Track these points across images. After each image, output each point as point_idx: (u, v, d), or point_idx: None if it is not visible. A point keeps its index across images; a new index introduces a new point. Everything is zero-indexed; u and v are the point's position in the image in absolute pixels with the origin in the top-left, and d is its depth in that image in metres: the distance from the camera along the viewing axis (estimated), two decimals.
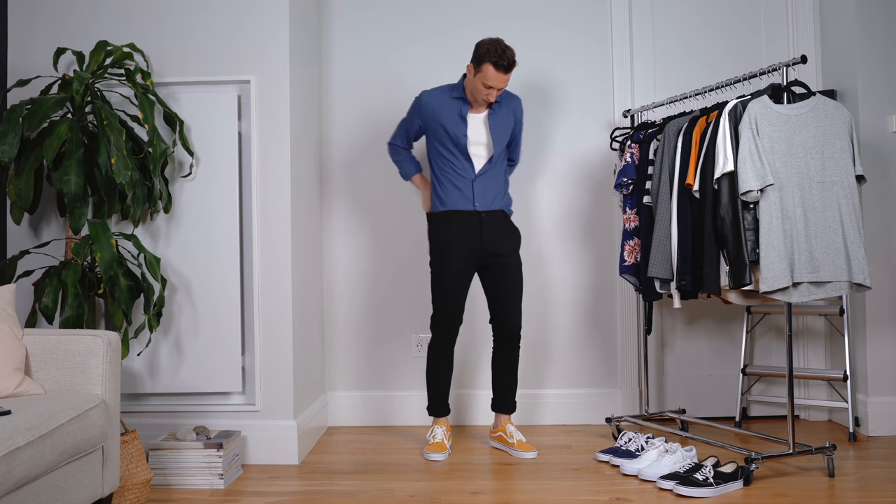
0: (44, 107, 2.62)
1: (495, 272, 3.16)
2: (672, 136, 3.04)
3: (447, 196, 3.15)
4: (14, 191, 2.69)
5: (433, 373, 3.24)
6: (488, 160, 3.16)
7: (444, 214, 3.15)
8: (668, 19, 3.74)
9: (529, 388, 3.68)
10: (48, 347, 2.33)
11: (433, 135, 3.18)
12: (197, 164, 3.06)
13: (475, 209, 3.13)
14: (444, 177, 3.16)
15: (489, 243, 3.13)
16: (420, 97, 3.21)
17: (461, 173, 3.14)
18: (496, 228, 3.15)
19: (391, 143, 3.35)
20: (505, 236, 3.17)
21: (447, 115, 3.14)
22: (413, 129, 3.26)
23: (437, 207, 3.18)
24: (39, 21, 3.09)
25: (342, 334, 3.73)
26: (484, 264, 3.17)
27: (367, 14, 3.75)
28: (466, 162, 3.14)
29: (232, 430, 2.96)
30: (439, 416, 3.27)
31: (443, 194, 3.16)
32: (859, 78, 3.38)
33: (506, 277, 3.16)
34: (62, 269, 2.66)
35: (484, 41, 3.01)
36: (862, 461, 2.96)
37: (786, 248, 2.67)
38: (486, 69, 2.97)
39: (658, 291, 3.11)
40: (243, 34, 3.09)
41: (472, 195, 3.13)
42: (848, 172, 2.76)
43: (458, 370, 3.63)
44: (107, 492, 2.31)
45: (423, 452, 3.14)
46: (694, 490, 2.56)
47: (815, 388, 3.63)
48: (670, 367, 3.72)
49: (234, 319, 3.04)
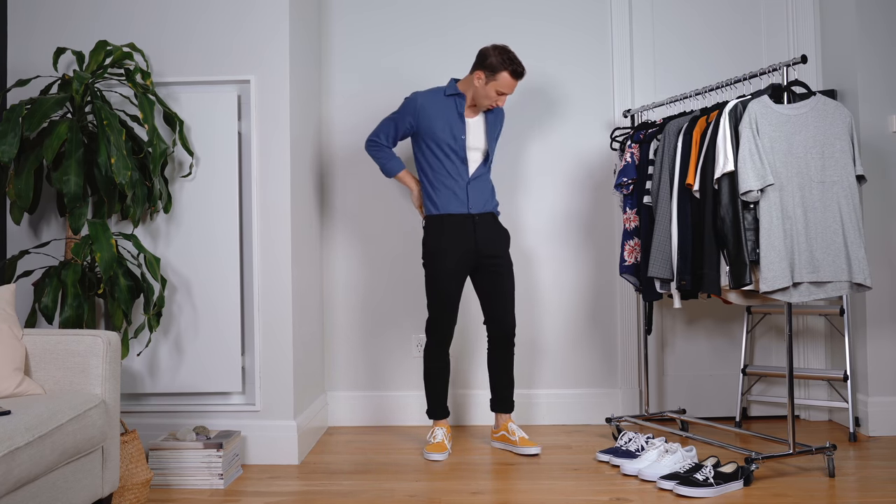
0: (44, 107, 2.62)
1: (489, 274, 3.17)
2: (672, 135, 3.04)
3: (440, 199, 3.14)
4: (14, 191, 2.68)
5: (431, 377, 3.24)
6: (482, 163, 3.19)
7: (438, 218, 3.15)
8: (669, 19, 3.74)
9: (530, 388, 3.68)
10: (48, 347, 2.33)
11: (427, 136, 3.15)
12: (197, 164, 3.05)
13: (469, 212, 3.14)
14: (436, 180, 3.15)
15: (483, 245, 3.14)
16: (414, 98, 3.18)
17: (455, 176, 3.14)
18: (489, 230, 3.17)
19: (373, 140, 3.23)
20: (497, 238, 3.20)
21: (444, 116, 3.14)
22: (402, 128, 3.19)
23: (430, 210, 3.18)
24: (39, 21, 3.09)
25: (342, 334, 3.73)
26: (477, 266, 3.17)
27: (367, 14, 3.75)
28: (462, 164, 3.14)
29: (232, 430, 2.96)
30: (439, 419, 3.27)
31: (436, 198, 3.15)
32: (859, 78, 3.38)
33: (500, 279, 3.17)
34: (62, 269, 2.66)
35: (491, 49, 3.06)
36: (862, 461, 2.96)
37: (786, 248, 2.67)
38: (502, 77, 3.04)
39: (658, 291, 3.10)
40: (243, 34, 3.09)
41: (466, 198, 3.14)
42: (848, 172, 2.76)
43: (454, 370, 3.63)
44: (107, 492, 2.31)
45: (424, 452, 3.14)
46: (694, 490, 2.56)
47: (816, 388, 3.63)
48: (670, 367, 3.72)
49: (234, 319, 3.04)
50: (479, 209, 3.16)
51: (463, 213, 3.14)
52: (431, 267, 3.16)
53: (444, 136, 3.12)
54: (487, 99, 3.10)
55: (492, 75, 3.05)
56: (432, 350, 3.21)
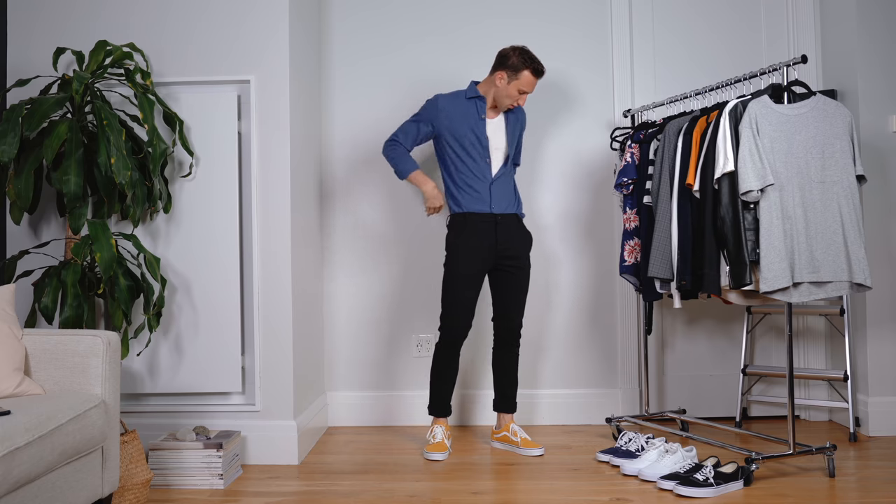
0: (43, 107, 2.62)
1: (507, 273, 3.20)
2: (672, 135, 3.04)
3: (464, 198, 3.17)
4: (14, 191, 2.68)
5: (438, 373, 3.24)
6: (504, 163, 3.21)
7: (462, 216, 3.18)
8: (669, 19, 3.74)
9: (530, 388, 3.68)
10: (48, 347, 2.33)
11: (449, 137, 3.17)
12: (197, 164, 3.05)
13: (491, 212, 3.16)
14: (460, 180, 3.18)
15: (503, 246, 3.17)
16: (435, 100, 3.21)
17: (479, 176, 3.16)
18: (511, 231, 3.19)
19: (393, 139, 3.24)
20: (519, 239, 3.21)
21: (466, 118, 3.17)
22: (424, 131, 3.22)
23: (453, 209, 3.21)
24: (39, 21, 3.09)
25: (342, 334, 3.73)
26: (496, 266, 3.20)
27: (368, 14, 3.75)
28: (485, 165, 3.17)
29: (232, 430, 2.96)
30: (440, 417, 3.26)
31: (459, 197, 3.18)
32: (859, 78, 3.38)
33: (517, 279, 3.20)
34: (62, 269, 2.66)
35: (510, 50, 3.13)
36: (862, 461, 2.96)
37: (786, 248, 2.67)
38: (524, 76, 3.11)
39: (658, 291, 3.10)
40: (243, 34, 3.09)
41: (489, 198, 3.16)
42: (848, 172, 2.76)
43: (460, 370, 3.62)
44: (106, 492, 2.31)
45: (424, 452, 3.14)
46: (694, 490, 2.56)
47: (816, 388, 3.63)
48: (670, 367, 3.72)
49: (234, 319, 3.04)
50: (502, 209, 3.18)
51: (486, 213, 3.16)
52: (451, 265, 3.17)
53: (467, 137, 3.16)
54: (509, 98, 3.15)
55: (514, 75, 3.11)
56: (445, 348, 3.19)
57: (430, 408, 3.28)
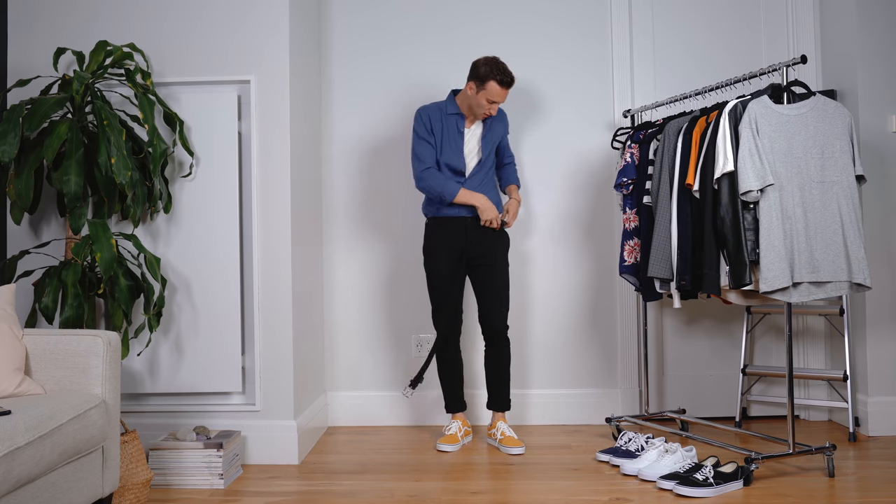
0: (44, 107, 2.62)
1: (481, 272, 3.25)
2: (672, 136, 3.04)
3: (433, 203, 3.25)
4: (14, 191, 2.69)
5: (443, 371, 3.34)
6: (478, 168, 3.23)
7: (434, 220, 3.27)
8: (669, 19, 3.74)
9: (529, 388, 3.68)
10: (48, 347, 2.33)
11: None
12: (197, 164, 3.05)
13: (461, 216, 3.21)
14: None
15: (475, 247, 3.22)
16: (423, 113, 3.23)
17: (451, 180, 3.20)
18: (483, 233, 3.23)
19: (425, 171, 3.16)
20: (491, 241, 3.24)
21: (446, 132, 3.22)
22: (433, 142, 3.21)
23: (429, 212, 3.28)
24: (39, 21, 3.09)
25: (342, 334, 3.73)
26: (470, 265, 3.25)
27: (368, 14, 3.75)
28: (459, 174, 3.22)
29: (232, 430, 2.96)
30: (455, 412, 3.36)
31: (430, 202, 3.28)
32: (859, 78, 3.38)
33: (492, 277, 3.23)
34: (62, 269, 2.66)
35: (481, 61, 3.13)
36: (862, 461, 2.96)
37: (786, 248, 2.67)
38: (490, 86, 3.11)
39: (658, 291, 3.11)
40: (243, 34, 3.09)
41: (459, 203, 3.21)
42: (848, 172, 2.76)
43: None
44: (107, 492, 2.31)
45: (436, 444, 3.23)
46: (694, 490, 2.56)
47: (815, 388, 3.63)
48: (670, 367, 3.72)
49: (234, 319, 3.04)
50: (473, 212, 3.20)
51: (455, 217, 3.21)
52: (427, 267, 3.29)
53: (444, 152, 3.19)
54: (480, 108, 3.17)
55: (481, 85, 3.12)
56: (439, 343, 3.28)
57: (446, 405, 3.37)
